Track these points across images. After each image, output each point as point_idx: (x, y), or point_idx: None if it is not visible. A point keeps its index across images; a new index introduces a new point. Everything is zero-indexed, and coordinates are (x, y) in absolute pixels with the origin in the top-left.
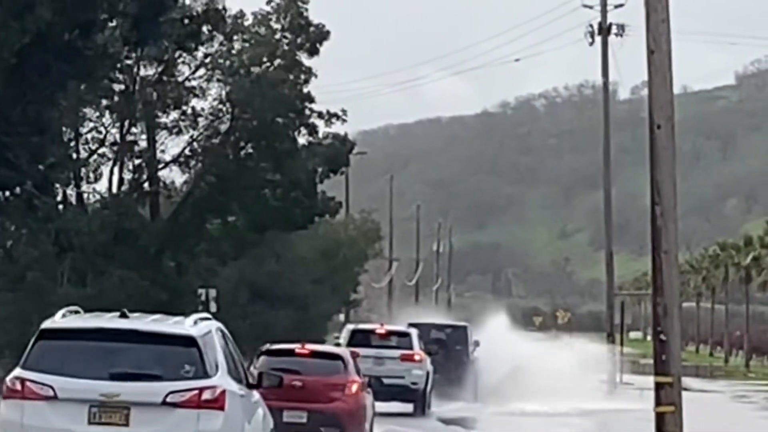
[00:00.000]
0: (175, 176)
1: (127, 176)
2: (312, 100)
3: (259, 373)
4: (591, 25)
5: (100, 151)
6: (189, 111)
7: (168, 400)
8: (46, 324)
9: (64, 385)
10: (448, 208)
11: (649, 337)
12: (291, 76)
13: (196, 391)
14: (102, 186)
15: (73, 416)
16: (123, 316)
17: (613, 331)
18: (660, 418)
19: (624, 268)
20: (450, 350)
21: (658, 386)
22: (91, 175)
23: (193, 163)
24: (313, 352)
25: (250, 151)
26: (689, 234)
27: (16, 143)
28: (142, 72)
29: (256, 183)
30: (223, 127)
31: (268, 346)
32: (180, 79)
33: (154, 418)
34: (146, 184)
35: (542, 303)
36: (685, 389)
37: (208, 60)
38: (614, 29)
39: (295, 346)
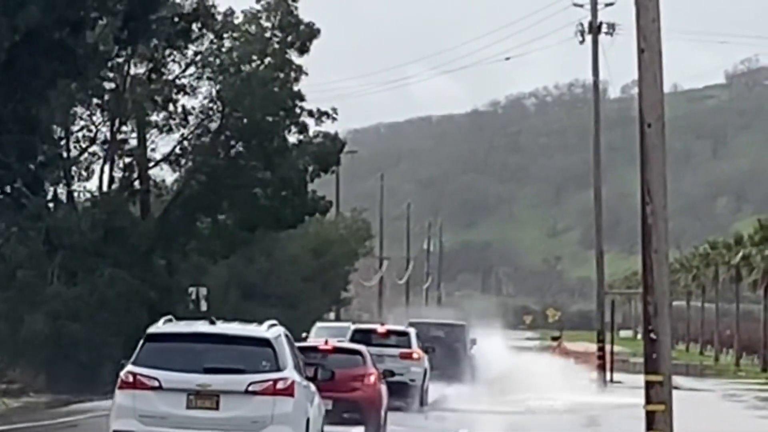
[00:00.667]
0: (165, 175)
1: (118, 174)
2: (302, 99)
3: (315, 368)
4: (581, 24)
5: (91, 149)
6: (179, 109)
7: (249, 389)
8: (152, 329)
9: (167, 378)
10: (438, 207)
11: (639, 336)
12: (281, 75)
13: (272, 382)
14: (92, 184)
15: (174, 402)
16: (212, 323)
17: (604, 330)
18: (650, 416)
19: (614, 267)
20: (449, 347)
21: (649, 385)
22: (82, 173)
23: (183, 161)
24: (336, 348)
25: (241, 149)
26: (679, 233)
27: (6, 141)
28: (133, 70)
29: (247, 182)
30: (214, 126)
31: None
32: (170, 77)
33: (239, 403)
34: (137, 183)
35: (532, 302)
36: (676, 388)
37: (198, 58)
38: (605, 28)
39: (319, 343)
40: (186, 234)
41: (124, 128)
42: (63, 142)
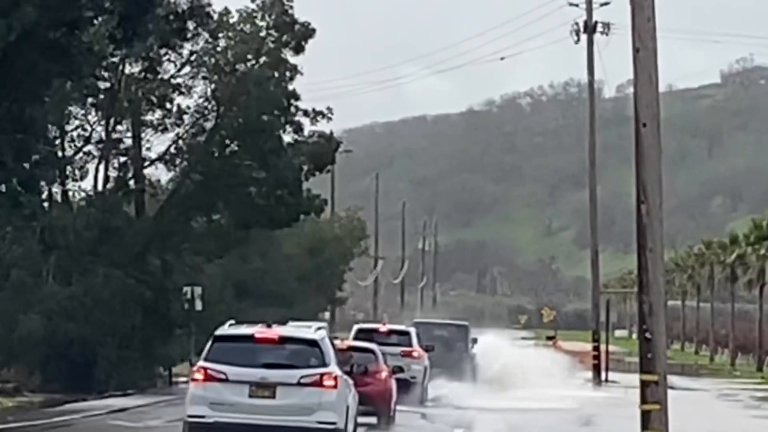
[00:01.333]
0: (160, 174)
1: (113, 174)
2: (297, 98)
3: (351, 364)
4: (576, 23)
5: (86, 148)
6: (174, 109)
7: (301, 381)
8: (219, 332)
9: (232, 372)
10: (433, 206)
11: (634, 336)
12: (276, 74)
13: (319, 376)
14: (87, 184)
15: (238, 392)
16: (268, 326)
17: (599, 329)
18: (646, 415)
19: (609, 266)
20: (452, 346)
21: (644, 384)
22: (77, 172)
23: (178, 161)
24: (351, 347)
25: (236, 148)
26: (674, 232)
27: (0, 141)
28: (128, 69)
29: (242, 181)
30: (209, 125)
31: None
32: (165, 76)
33: (292, 393)
34: (132, 182)
35: (527, 301)
36: (671, 387)
37: (193, 57)
38: (600, 27)
39: (336, 343)
40: (181, 233)
41: (119, 127)
42: (58, 142)
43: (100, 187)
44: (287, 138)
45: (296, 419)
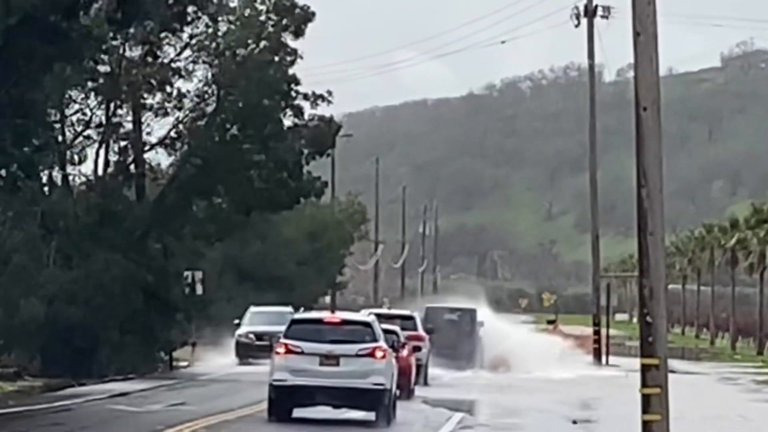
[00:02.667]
0: (160, 158)
1: (113, 158)
2: (297, 82)
3: (392, 341)
4: (577, 7)
5: (86, 133)
6: (174, 93)
7: (358, 353)
8: (296, 317)
9: (306, 346)
10: (434, 191)
11: (635, 320)
12: (276, 58)
13: (371, 349)
14: (87, 168)
15: (311, 362)
16: (333, 312)
17: (599, 313)
18: (646, 399)
19: (610, 251)
20: (461, 329)
21: (645, 368)
22: (77, 157)
23: (178, 145)
24: None
25: (236, 132)
26: (675, 216)
27: (1, 126)
28: (128, 53)
29: (242, 165)
30: (209, 109)
31: None
32: (165, 60)
33: (351, 362)
34: (132, 166)
35: (528, 285)
36: (671, 371)
37: (193, 41)
38: (600, 11)
39: None
40: (181, 217)
41: (119, 112)
42: (58, 126)
43: (100, 171)
44: (287, 122)
45: (355, 382)
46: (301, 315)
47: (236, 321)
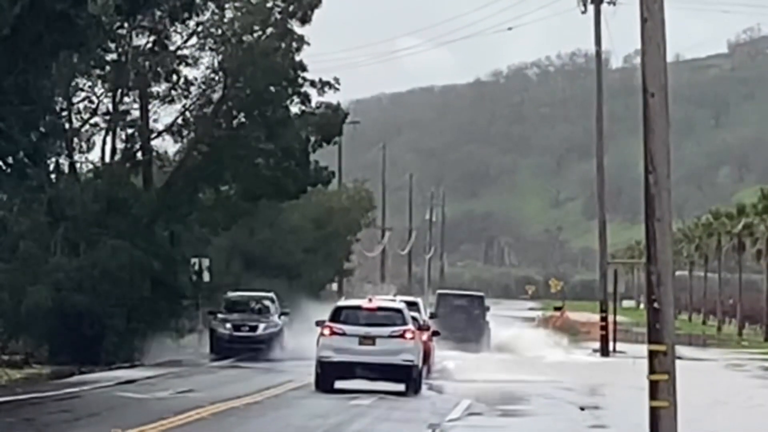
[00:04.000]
0: (167, 146)
1: (120, 146)
2: (304, 69)
3: (417, 324)
4: None
5: (93, 120)
6: (181, 80)
7: (391, 334)
8: (339, 304)
9: (347, 329)
10: (440, 177)
11: (642, 306)
12: (283, 45)
13: (402, 330)
14: (95, 155)
15: (351, 342)
16: (370, 300)
17: (606, 300)
18: (653, 386)
19: (617, 237)
20: (470, 314)
21: (652, 354)
22: (84, 144)
23: (185, 132)
24: None
25: (243, 120)
26: (682, 202)
27: (7, 113)
28: (135, 41)
29: (249, 152)
30: (216, 96)
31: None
32: (172, 48)
33: (385, 342)
34: (139, 154)
35: (535, 272)
36: (678, 358)
37: (200, 29)
38: None
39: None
40: (188, 205)
41: (126, 99)
42: (65, 114)
43: (107, 158)
44: (294, 109)
45: (388, 358)
46: (344, 302)
47: (209, 309)
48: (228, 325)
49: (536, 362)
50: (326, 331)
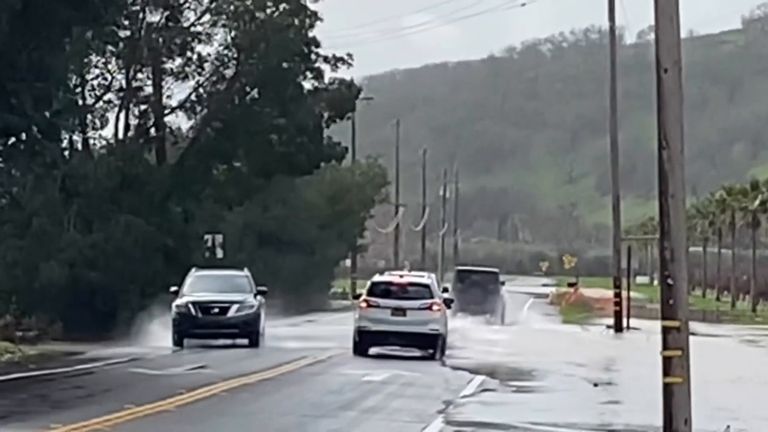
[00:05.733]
0: (181, 122)
1: (133, 122)
2: (317, 45)
3: (443, 299)
4: None
5: (106, 97)
6: (194, 57)
7: (420, 307)
8: (374, 279)
9: (382, 302)
10: (454, 154)
11: (655, 282)
12: (296, 21)
13: (430, 303)
14: (108, 132)
15: (385, 313)
16: (401, 276)
17: (620, 276)
18: (667, 362)
19: (630, 213)
20: (486, 288)
21: (666, 330)
22: (97, 121)
23: (199, 108)
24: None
25: (256, 96)
26: (695, 179)
27: (21, 89)
28: (148, 18)
29: (262, 128)
30: (229, 73)
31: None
32: (185, 24)
33: (415, 313)
34: (152, 130)
35: (548, 248)
36: (692, 334)
37: (213, 5)
38: None
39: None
40: (202, 181)
41: (139, 76)
42: (78, 90)
43: (120, 135)
44: (307, 85)
45: (418, 328)
46: (379, 278)
47: (173, 288)
48: (194, 307)
49: (549, 337)
50: (363, 304)
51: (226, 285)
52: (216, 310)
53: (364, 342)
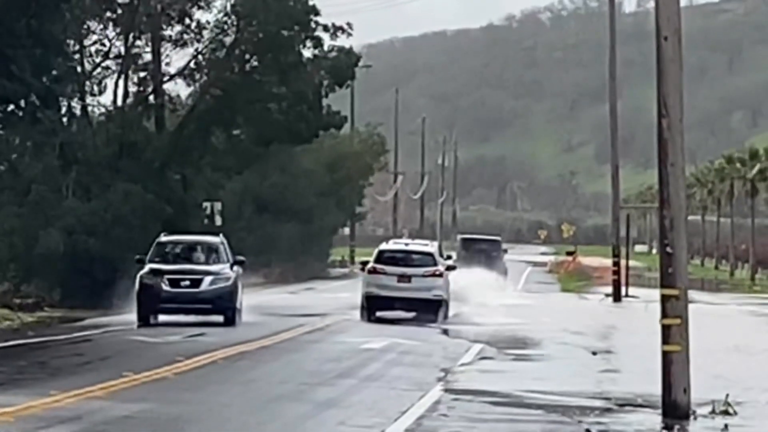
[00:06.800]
0: (180, 89)
1: (132, 89)
2: (317, 13)
3: (447, 265)
4: None
5: (105, 63)
6: (194, 23)
7: (424, 273)
8: (381, 247)
9: (387, 269)
10: (453, 122)
11: (654, 251)
12: None
13: (433, 270)
14: (107, 99)
15: (391, 280)
16: (407, 245)
17: (619, 245)
18: (666, 330)
19: (629, 182)
20: (489, 255)
21: (665, 298)
22: (96, 88)
23: (198, 76)
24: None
25: (255, 64)
26: (695, 147)
27: (20, 56)
28: None
29: (261, 96)
30: (228, 40)
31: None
32: None
33: (420, 280)
34: (151, 97)
35: (547, 216)
36: (690, 302)
37: None
38: None
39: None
40: (200, 149)
41: (138, 42)
42: (77, 57)
43: (119, 102)
44: (307, 53)
45: (422, 293)
46: (385, 246)
47: (138, 257)
48: (162, 279)
49: (549, 306)
50: (372, 268)
51: (198, 253)
52: (186, 282)
53: (371, 306)
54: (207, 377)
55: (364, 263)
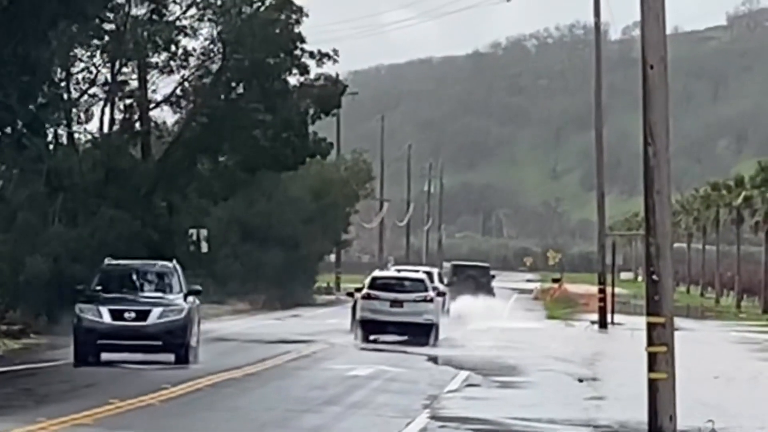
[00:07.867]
0: (166, 116)
1: (118, 116)
2: (303, 41)
3: (435, 291)
4: None
5: (91, 91)
6: (180, 51)
7: (416, 299)
8: (373, 274)
9: (381, 294)
10: (439, 149)
11: (640, 278)
12: (282, 16)
13: (424, 296)
14: (93, 126)
15: (384, 305)
16: (398, 271)
17: (605, 272)
18: (652, 358)
19: (615, 209)
20: (479, 281)
21: (651, 326)
22: (82, 115)
23: (184, 103)
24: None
25: (242, 91)
26: (680, 175)
27: (6, 83)
28: (134, 11)
29: (248, 123)
30: (215, 67)
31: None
32: (171, 18)
33: (412, 305)
34: (137, 124)
35: (533, 243)
36: (676, 329)
37: None
38: None
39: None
40: (186, 175)
41: (124, 70)
42: (63, 84)
43: (105, 129)
44: (293, 80)
45: (414, 318)
46: (378, 273)
47: (78, 287)
48: (103, 312)
49: (535, 334)
50: (366, 293)
51: (147, 282)
52: (131, 314)
53: (365, 330)
54: (194, 404)
55: (354, 290)
